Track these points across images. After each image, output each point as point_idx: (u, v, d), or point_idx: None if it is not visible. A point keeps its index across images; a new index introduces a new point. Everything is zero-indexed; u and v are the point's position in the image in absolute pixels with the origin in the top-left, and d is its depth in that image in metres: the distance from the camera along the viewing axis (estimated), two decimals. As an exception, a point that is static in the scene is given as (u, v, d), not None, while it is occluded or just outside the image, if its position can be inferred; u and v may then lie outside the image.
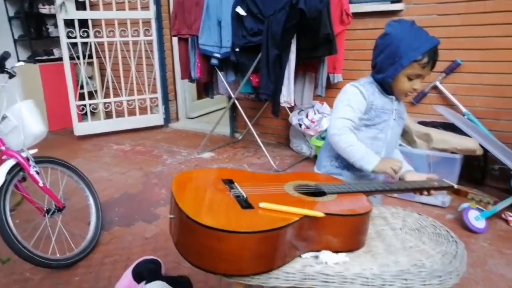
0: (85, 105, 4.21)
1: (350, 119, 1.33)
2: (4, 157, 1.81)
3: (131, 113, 4.43)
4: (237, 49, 3.02)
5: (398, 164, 1.26)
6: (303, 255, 0.98)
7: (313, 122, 3.21)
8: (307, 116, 3.28)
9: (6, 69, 1.82)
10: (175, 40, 4.28)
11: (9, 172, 1.76)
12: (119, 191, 2.81)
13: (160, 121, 4.55)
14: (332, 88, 3.26)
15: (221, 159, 3.45)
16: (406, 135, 2.57)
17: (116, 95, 4.37)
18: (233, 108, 3.91)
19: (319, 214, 0.96)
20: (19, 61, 3.98)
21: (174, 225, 1.00)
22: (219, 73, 3.32)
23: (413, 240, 1.08)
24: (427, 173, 1.35)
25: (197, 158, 3.50)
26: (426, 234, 1.11)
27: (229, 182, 1.10)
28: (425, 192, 1.25)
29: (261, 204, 0.96)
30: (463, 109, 2.73)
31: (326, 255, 0.97)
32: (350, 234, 1.01)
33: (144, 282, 1.51)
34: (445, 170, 2.32)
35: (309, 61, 3.05)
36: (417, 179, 1.29)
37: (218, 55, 3.13)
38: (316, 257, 0.98)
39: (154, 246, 2.07)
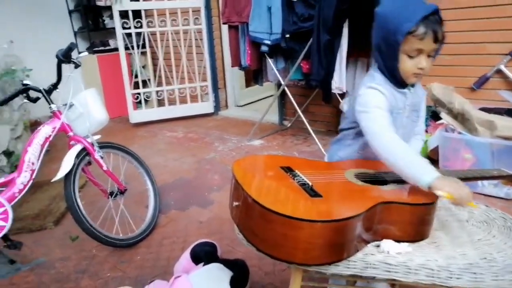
0: (139, 94, 4.39)
1: (389, 124, 1.12)
2: (72, 142, 1.93)
3: (183, 101, 4.56)
4: (287, 35, 2.99)
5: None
6: (365, 244, 0.97)
7: (365, 109, 3.12)
8: (358, 103, 3.19)
9: (72, 59, 1.92)
10: (224, 28, 4.33)
11: (77, 156, 1.88)
12: (174, 176, 2.92)
13: (210, 109, 4.64)
14: (385, 73, 3.14)
15: (271, 146, 3.47)
16: (466, 123, 2.44)
17: (168, 83, 4.51)
18: (282, 95, 3.89)
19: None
20: (79, 52, 4.23)
21: (244, 214, 0.97)
22: (269, 60, 3.31)
23: (481, 232, 1.03)
24: (490, 164, 1.27)
25: (247, 145, 3.54)
26: (495, 227, 1.06)
27: (289, 170, 1.11)
28: None
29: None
30: (532, 95, 2.53)
31: (388, 244, 0.95)
32: (418, 223, 0.99)
33: (202, 263, 1.57)
34: (510, 159, 2.18)
35: (361, 46, 2.95)
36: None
37: (268, 42, 3.12)
38: (378, 246, 0.97)
39: (208, 230, 2.14)
